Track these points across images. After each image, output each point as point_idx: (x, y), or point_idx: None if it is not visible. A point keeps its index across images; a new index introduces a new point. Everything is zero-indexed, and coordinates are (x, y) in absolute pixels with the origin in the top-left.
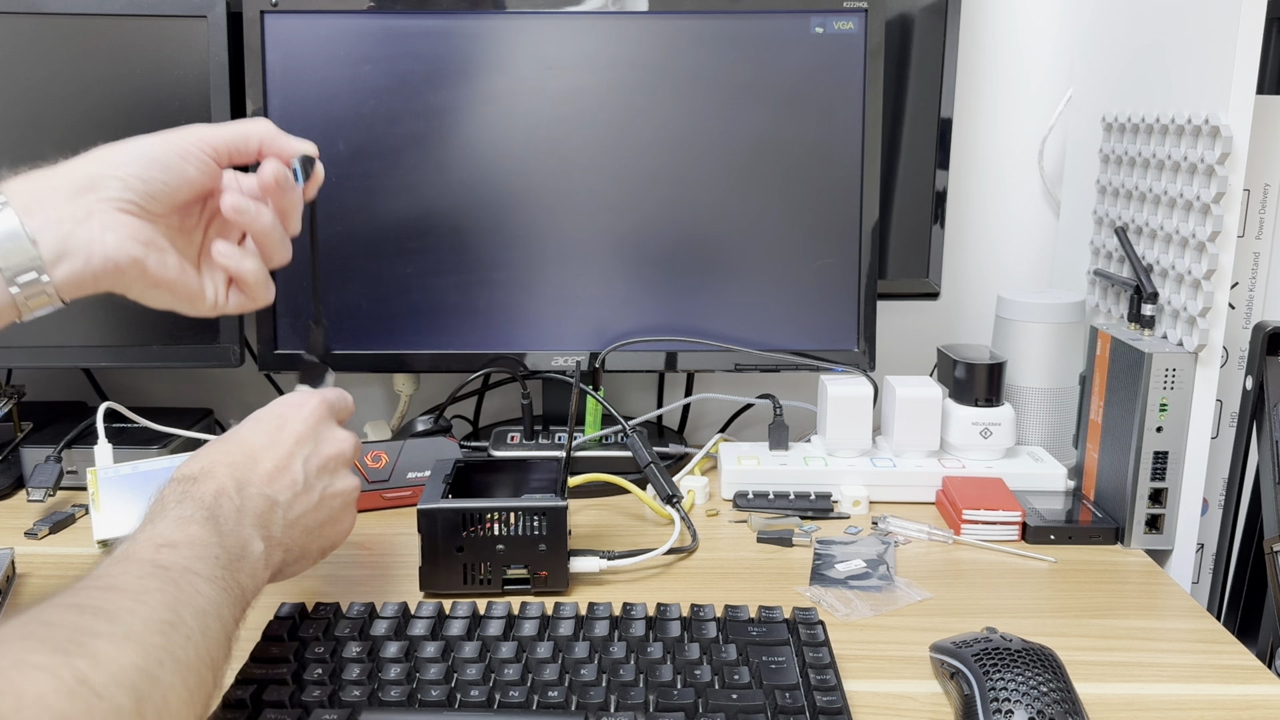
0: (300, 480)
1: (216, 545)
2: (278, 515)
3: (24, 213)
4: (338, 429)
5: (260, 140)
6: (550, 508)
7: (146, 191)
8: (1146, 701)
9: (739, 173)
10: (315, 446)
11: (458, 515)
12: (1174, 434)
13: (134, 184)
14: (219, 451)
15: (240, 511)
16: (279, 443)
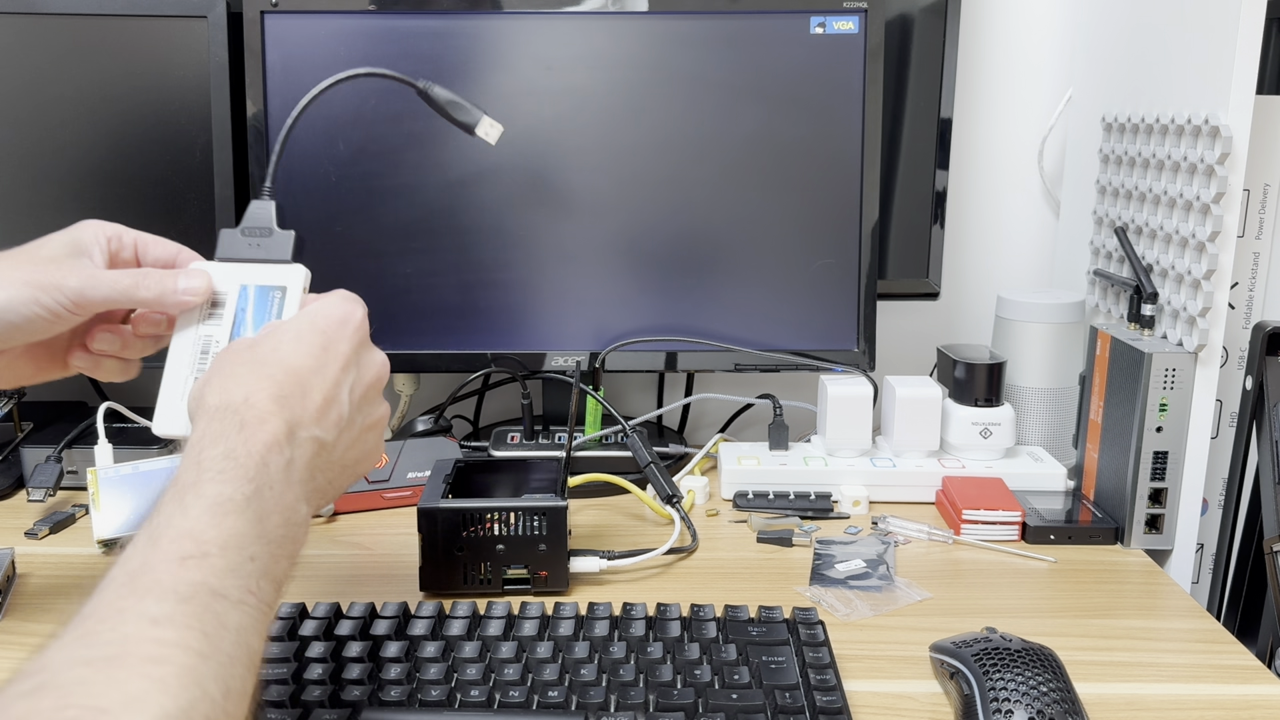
0: (346, 413)
1: (255, 541)
2: (323, 459)
3: None
4: (374, 348)
5: (147, 301)
6: (550, 508)
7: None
8: (1146, 701)
9: (739, 173)
10: (359, 373)
11: (457, 515)
12: (1174, 434)
13: None
14: (260, 376)
15: (289, 467)
16: (326, 367)
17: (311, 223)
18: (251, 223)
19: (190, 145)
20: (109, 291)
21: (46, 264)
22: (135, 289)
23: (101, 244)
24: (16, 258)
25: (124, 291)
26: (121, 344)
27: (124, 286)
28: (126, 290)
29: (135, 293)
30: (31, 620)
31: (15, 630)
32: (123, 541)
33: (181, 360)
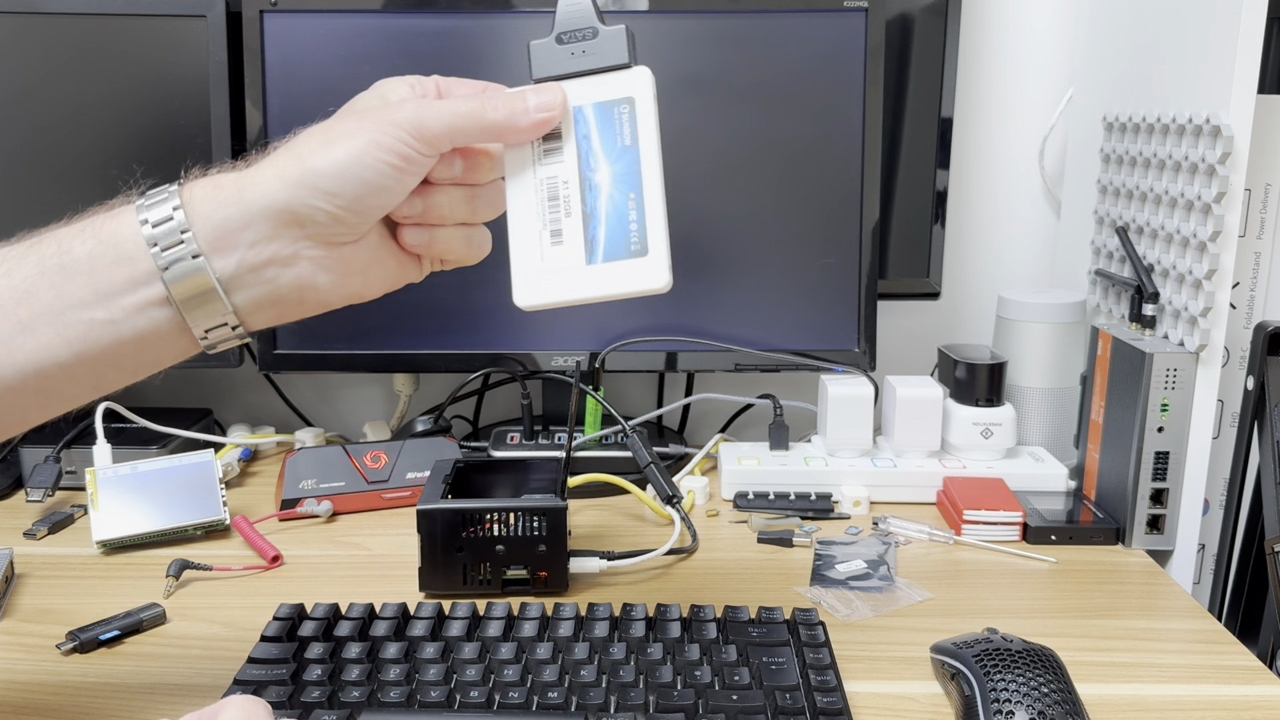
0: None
1: None
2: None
3: (213, 251)
4: None
5: (496, 125)
6: (550, 508)
7: (358, 218)
8: (1147, 702)
9: (739, 172)
10: None
11: (457, 516)
12: (1175, 434)
13: (345, 217)
14: None
15: None
16: None
17: None
18: (567, 25)
19: (190, 145)
20: (450, 118)
21: (368, 112)
22: (481, 111)
23: (407, 90)
24: (331, 122)
25: (468, 116)
26: (463, 203)
27: (466, 111)
28: (471, 114)
29: (482, 115)
30: (31, 620)
31: (14, 630)
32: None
33: (528, 215)
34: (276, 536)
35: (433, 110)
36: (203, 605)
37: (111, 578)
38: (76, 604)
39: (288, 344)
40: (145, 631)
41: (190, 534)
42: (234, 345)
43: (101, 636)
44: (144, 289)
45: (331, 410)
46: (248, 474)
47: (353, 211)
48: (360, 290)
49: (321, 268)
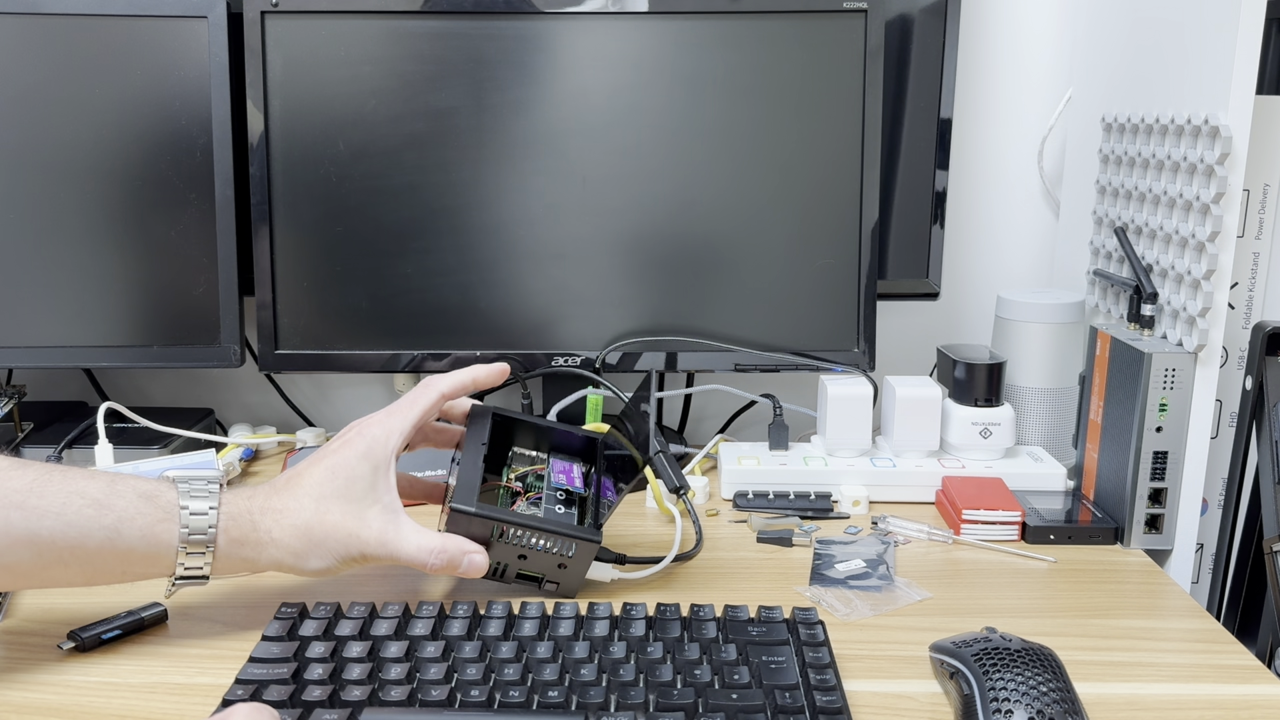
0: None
1: None
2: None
3: (218, 572)
4: None
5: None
6: (584, 539)
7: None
8: (1146, 701)
9: (739, 173)
10: None
11: (488, 525)
12: (1174, 434)
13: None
14: None
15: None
16: None
17: (311, 223)
18: None
19: (190, 145)
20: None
21: (335, 536)
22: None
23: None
24: (313, 520)
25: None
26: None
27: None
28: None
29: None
30: (32, 620)
31: (15, 630)
32: None
33: None
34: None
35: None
36: (204, 604)
37: None
38: (78, 603)
39: (289, 344)
40: (147, 631)
41: None
42: None
43: (103, 636)
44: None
45: (332, 410)
46: (249, 474)
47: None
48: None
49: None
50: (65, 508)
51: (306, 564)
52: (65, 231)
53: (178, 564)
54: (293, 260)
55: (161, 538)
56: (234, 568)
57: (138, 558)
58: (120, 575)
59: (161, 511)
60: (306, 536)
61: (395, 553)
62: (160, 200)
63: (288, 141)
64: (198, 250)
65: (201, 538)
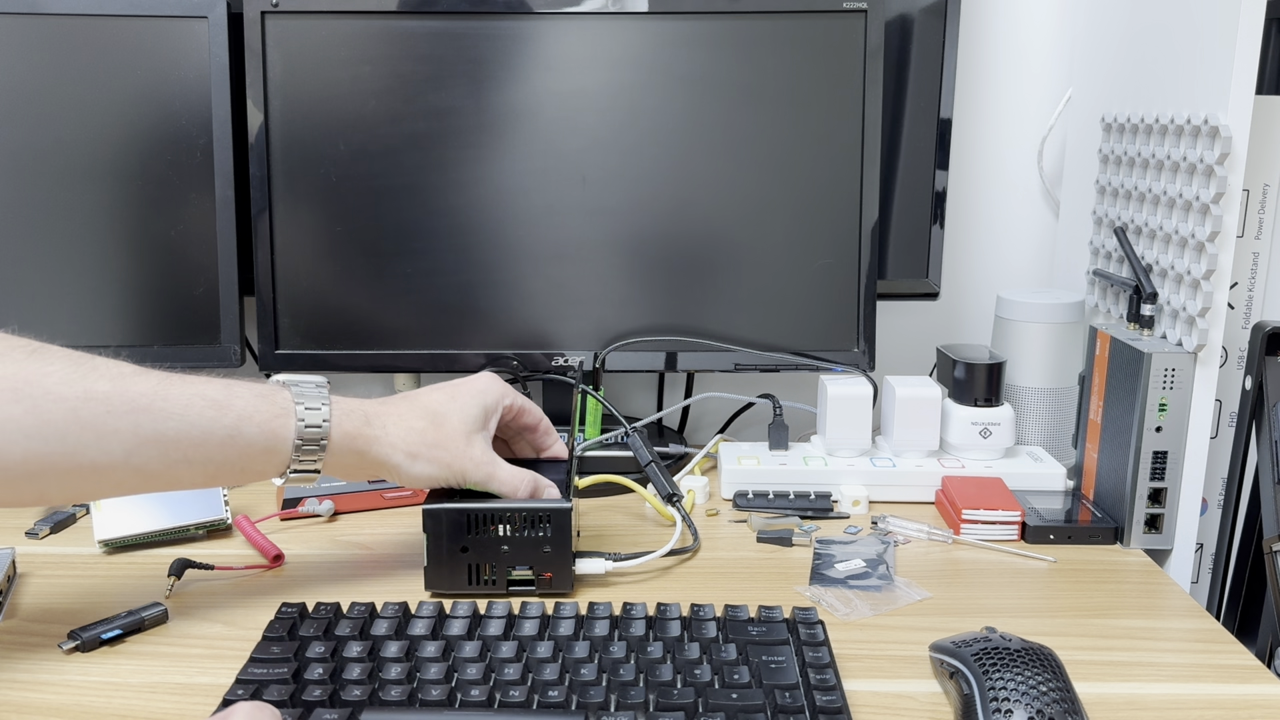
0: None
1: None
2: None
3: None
4: None
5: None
6: (555, 509)
7: None
8: (1146, 701)
9: (739, 173)
10: None
11: (463, 516)
12: (1173, 434)
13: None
14: None
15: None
16: None
17: (311, 223)
18: None
19: (191, 146)
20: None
21: (455, 445)
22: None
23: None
24: (432, 426)
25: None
26: None
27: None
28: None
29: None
30: (32, 620)
31: (16, 630)
32: (122, 540)
33: None
34: (278, 536)
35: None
36: (204, 604)
37: (113, 577)
38: (78, 603)
39: (290, 344)
40: (147, 631)
41: (192, 533)
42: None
43: (103, 636)
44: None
45: None
46: None
47: None
48: None
49: None
50: (188, 409)
51: (413, 467)
52: (65, 231)
53: (293, 458)
54: (293, 260)
55: (279, 432)
56: (343, 464)
57: (257, 453)
58: (239, 473)
59: (278, 408)
60: (421, 439)
61: (492, 475)
62: (160, 200)
63: (288, 141)
64: (198, 250)
65: (316, 431)
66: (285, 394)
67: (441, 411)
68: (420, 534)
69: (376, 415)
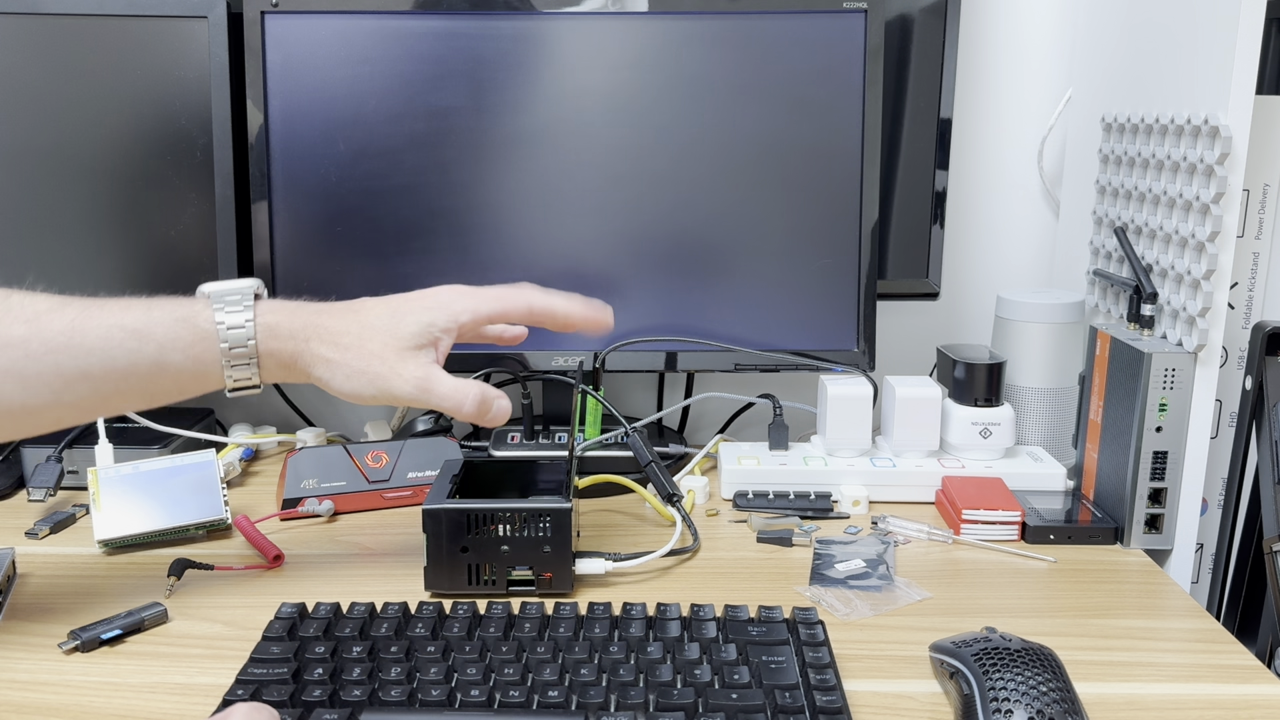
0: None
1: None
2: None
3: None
4: None
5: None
6: (555, 509)
7: None
8: (1146, 701)
9: (739, 173)
10: None
11: (463, 516)
12: (1173, 434)
13: None
14: None
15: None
16: None
17: (311, 223)
18: None
19: (191, 145)
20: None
21: (381, 349)
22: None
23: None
24: (360, 338)
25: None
26: None
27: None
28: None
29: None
30: (32, 620)
31: (15, 630)
32: (122, 540)
33: None
34: (278, 536)
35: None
36: (204, 604)
37: (113, 577)
38: (78, 603)
39: None
40: (147, 631)
41: (192, 533)
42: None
43: (103, 636)
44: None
45: (332, 410)
46: (249, 474)
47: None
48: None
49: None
50: (108, 342)
51: (342, 383)
52: (65, 231)
53: (226, 378)
54: (293, 260)
55: (204, 357)
56: (275, 376)
57: (188, 378)
58: (180, 393)
59: (199, 332)
60: (349, 354)
61: (426, 390)
62: (160, 200)
63: (288, 142)
64: (198, 250)
65: (242, 350)
66: (206, 313)
67: (377, 325)
68: (420, 534)
69: (304, 327)
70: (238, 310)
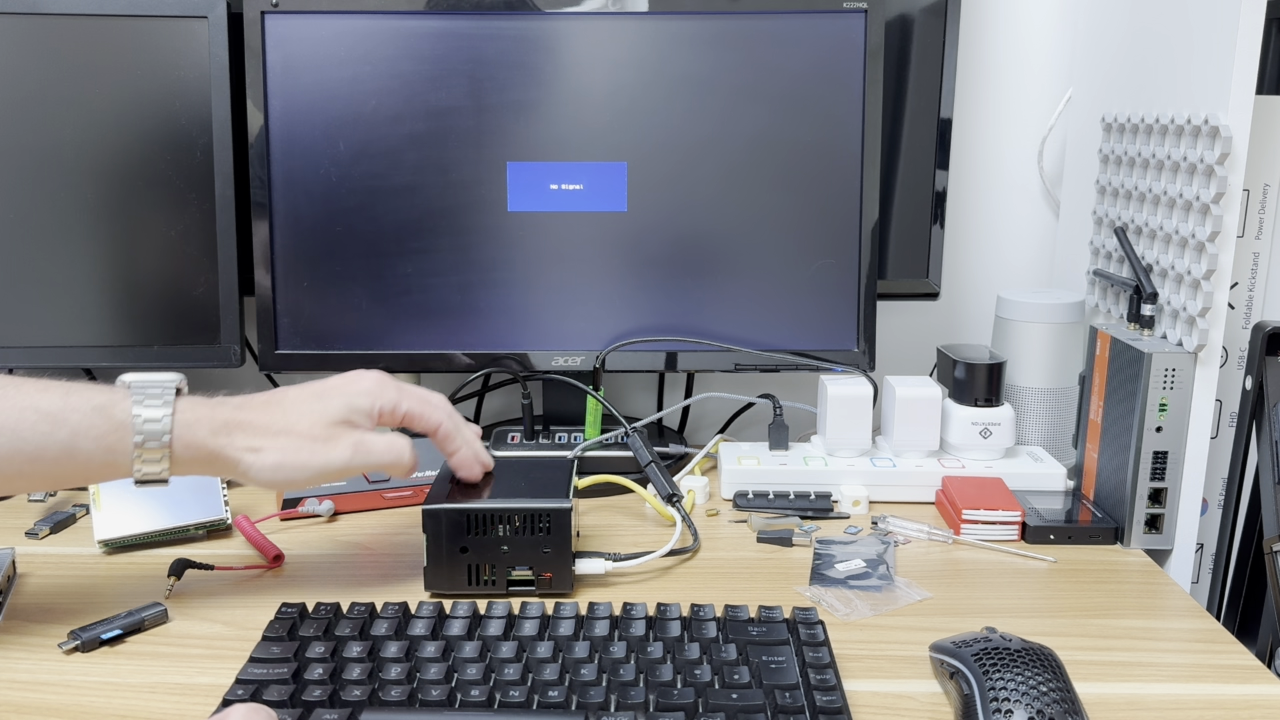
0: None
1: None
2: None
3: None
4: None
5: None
6: (554, 509)
7: None
8: (1146, 701)
9: (739, 173)
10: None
11: (463, 516)
12: (1173, 434)
13: None
14: None
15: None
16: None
17: (311, 223)
18: None
19: (191, 145)
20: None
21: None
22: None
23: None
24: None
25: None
26: None
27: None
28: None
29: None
30: (32, 620)
31: (15, 630)
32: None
33: None
34: (278, 536)
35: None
36: (204, 604)
37: (113, 577)
38: (78, 603)
39: (289, 344)
40: (147, 631)
41: (192, 533)
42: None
43: (103, 636)
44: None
45: None
46: None
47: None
48: None
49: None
50: (19, 424)
51: (258, 470)
52: (65, 231)
53: (134, 469)
54: (293, 260)
55: (116, 447)
56: (193, 470)
57: (96, 467)
58: (83, 480)
59: (114, 423)
60: (270, 440)
61: (368, 451)
62: (160, 200)
63: (288, 141)
64: (198, 250)
65: (156, 445)
66: (125, 404)
67: (303, 409)
68: (420, 534)
69: (224, 424)
70: (156, 404)
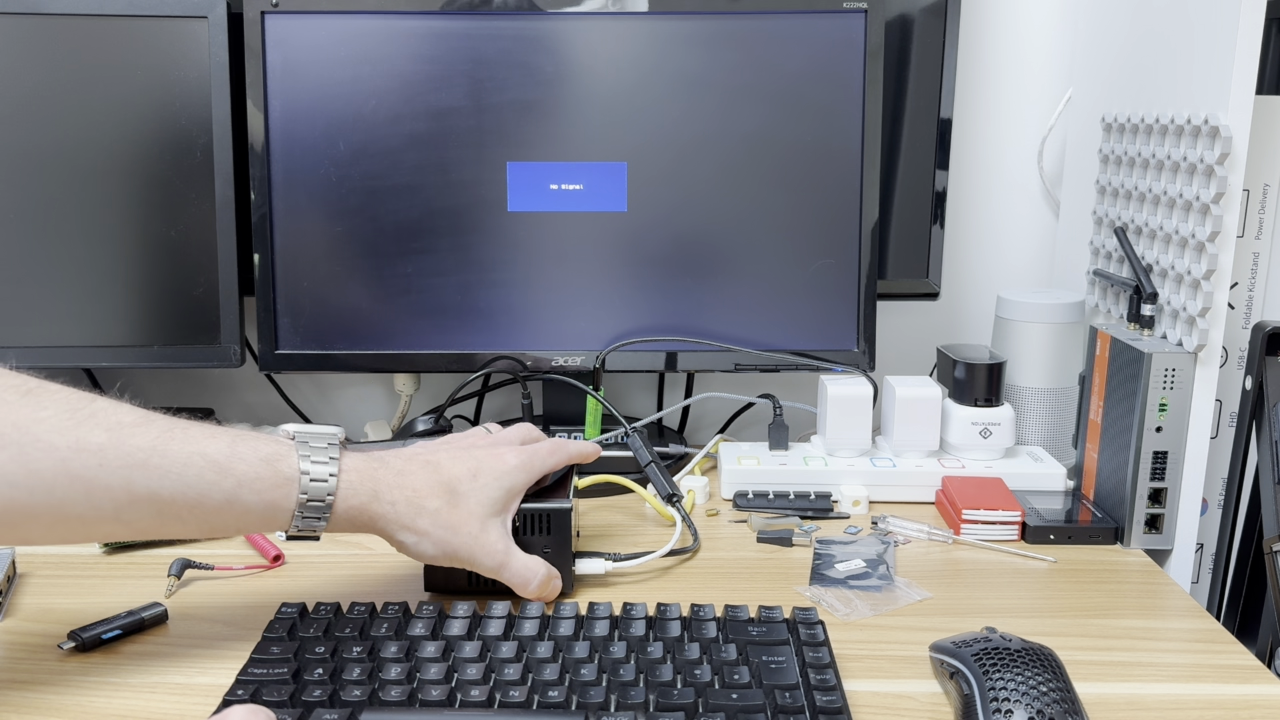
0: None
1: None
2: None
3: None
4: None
5: None
6: (555, 509)
7: None
8: (1146, 701)
9: (739, 173)
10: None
11: None
12: (1173, 434)
13: None
14: None
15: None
16: None
17: (311, 223)
18: None
19: (190, 145)
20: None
21: (465, 527)
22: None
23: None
24: (445, 508)
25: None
26: None
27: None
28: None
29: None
30: (32, 620)
31: (15, 630)
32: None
33: None
34: (278, 536)
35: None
36: (204, 604)
37: (113, 577)
38: (78, 603)
39: (289, 344)
40: (147, 631)
41: None
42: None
43: (103, 636)
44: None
45: (332, 410)
46: None
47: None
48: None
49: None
50: (186, 469)
51: (421, 547)
52: (65, 231)
53: (293, 525)
54: (292, 260)
55: (279, 503)
56: (345, 529)
57: (254, 519)
58: (236, 531)
59: (281, 476)
60: (434, 520)
61: (504, 565)
62: (160, 200)
63: (288, 141)
64: (198, 250)
65: (319, 504)
66: (291, 458)
67: (460, 491)
68: None
69: (388, 488)
70: (323, 461)
